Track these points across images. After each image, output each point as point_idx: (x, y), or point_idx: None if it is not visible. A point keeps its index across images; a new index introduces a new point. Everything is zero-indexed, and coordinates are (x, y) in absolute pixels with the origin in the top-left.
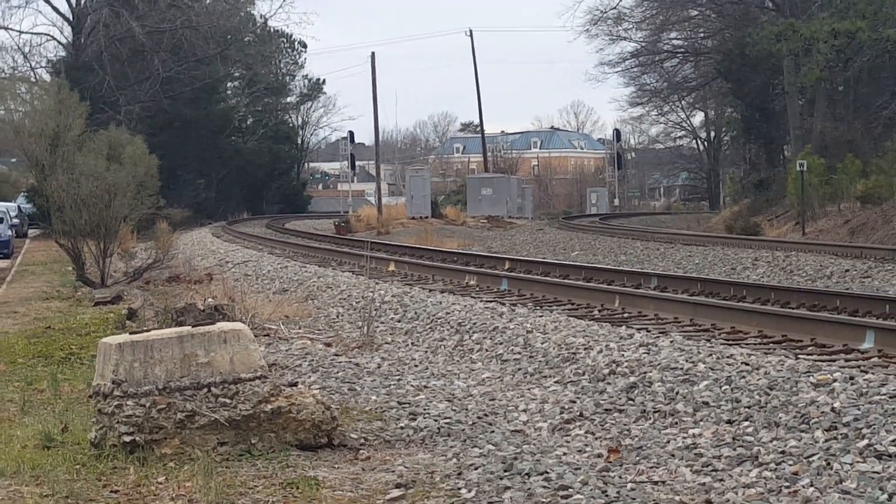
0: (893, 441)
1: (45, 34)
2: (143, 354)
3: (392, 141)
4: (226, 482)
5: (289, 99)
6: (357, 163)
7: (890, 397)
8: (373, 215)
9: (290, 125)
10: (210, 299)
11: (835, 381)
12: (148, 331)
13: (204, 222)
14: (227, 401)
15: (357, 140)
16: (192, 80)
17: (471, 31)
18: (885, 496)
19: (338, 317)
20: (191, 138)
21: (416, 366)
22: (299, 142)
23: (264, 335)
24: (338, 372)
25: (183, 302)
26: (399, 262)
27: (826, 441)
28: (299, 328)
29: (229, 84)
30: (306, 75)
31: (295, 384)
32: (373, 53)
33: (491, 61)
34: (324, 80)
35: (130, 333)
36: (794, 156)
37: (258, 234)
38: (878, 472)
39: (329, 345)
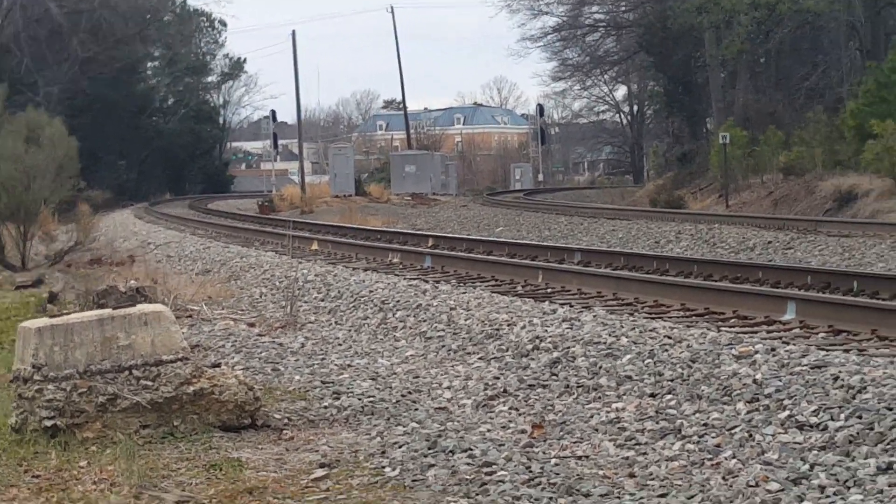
0: (815, 412)
1: None
2: (63, 338)
3: (315, 119)
4: (148, 465)
5: (210, 78)
6: (280, 142)
7: (811, 368)
8: (296, 194)
9: (212, 105)
10: (132, 281)
11: (757, 352)
12: (68, 314)
13: (126, 204)
14: (149, 383)
15: (279, 119)
16: (111, 60)
17: (392, 9)
18: (807, 466)
19: (261, 297)
20: (111, 120)
21: (339, 345)
22: (221, 121)
23: (187, 316)
24: (261, 352)
25: (104, 284)
26: (322, 240)
27: (748, 413)
28: (222, 309)
29: (149, 64)
30: (227, 54)
31: (218, 365)
32: (293, 32)
33: (413, 38)
34: (245, 59)
35: (51, 317)
36: (716, 128)
37: (181, 214)
38: (799, 443)
39: (252, 325)
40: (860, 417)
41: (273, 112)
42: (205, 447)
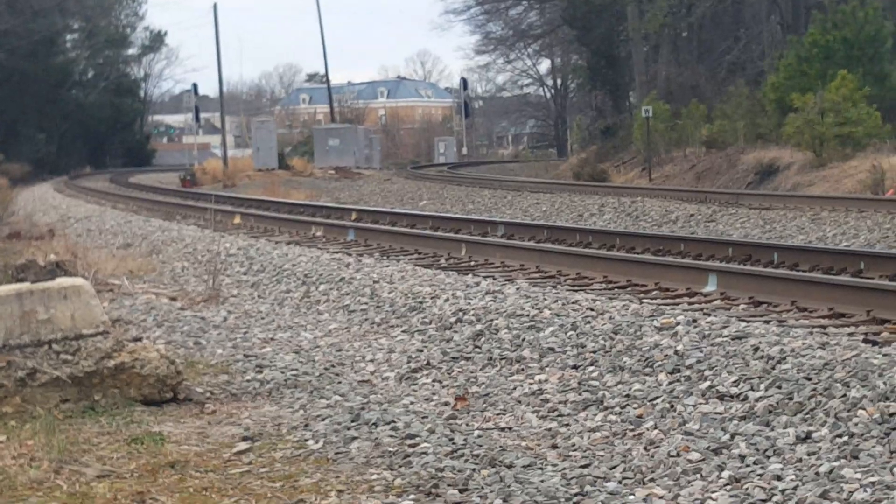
0: (735, 382)
1: None
2: None
3: (237, 93)
4: (69, 439)
5: (130, 51)
6: (202, 115)
7: (732, 339)
8: (218, 168)
9: (133, 78)
10: (52, 255)
11: (678, 324)
12: None
13: (45, 177)
14: (69, 357)
15: (201, 92)
16: (29, 33)
17: None
18: (727, 436)
19: (183, 271)
20: (29, 92)
21: (262, 318)
22: (142, 95)
23: (108, 291)
24: (183, 326)
25: (23, 258)
26: (245, 214)
27: (670, 384)
28: (144, 283)
29: (68, 37)
30: (148, 27)
31: (139, 339)
32: (215, 4)
33: (336, 11)
34: (166, 32)
35: None
36: (639, 102)
37: (101, 188)
38: (720, 413)
39: (174, 299)
40: (780, 388)
41: (195, 85)
42: (126, 421)
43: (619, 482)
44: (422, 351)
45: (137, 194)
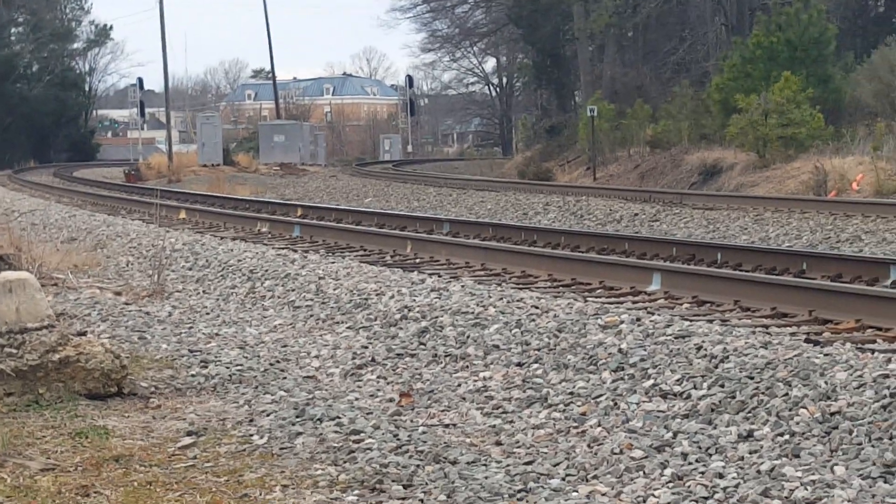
0: (678, 380)
1: None
2: None
3: (183, 88)
4: (13, 433)
5: (75, 45)
6: (147, 110)
7: (675, 338)
8: (163, 163)
9: (78, 72)
10: None
11: (622, 322)
12: None
13: None
14: (14, 351)
15: (147, 87)
16: None
17: None
18: (670, 434)
19: (128, 265)
20: None
21: (207, 314)
22: (87, 89)
23: (52, 285)
24: (128, 321)
25: None
26: (190, 209)
27: (613, 382)
28: (88, 277)
29: (13, 30)
30: (93, 21)
31: (84, 333)
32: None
33: (282, 6)
34: (111, 26)
35: None
36: (584, 101)
37: (45, 182)
38: (663, 411)
39: (119, 293)
40: (722, 386)
41: (140, 80)
42: (70, 415)
43: (563, 479)
44: (367, 347)
45: (82, 188)
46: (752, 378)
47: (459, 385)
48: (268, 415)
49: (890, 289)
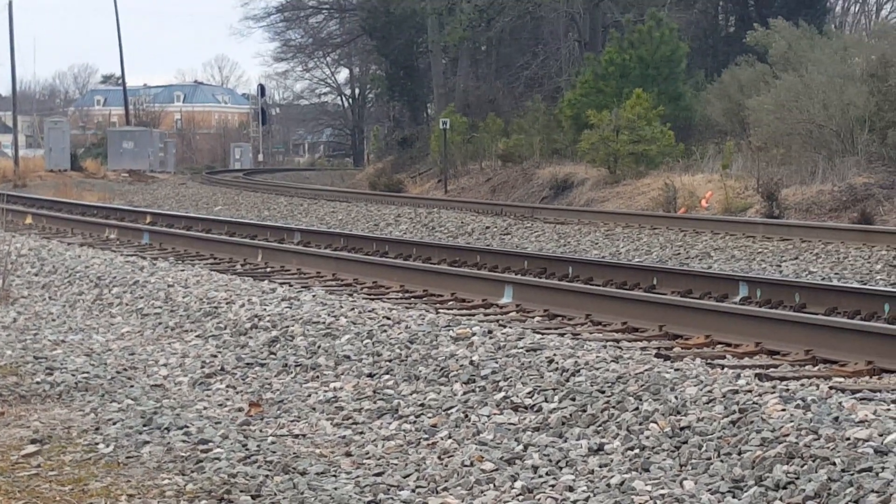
0: (529, 393)
1: None
2: None
3: (30, 92)
4: None
5: None
6: None
7: (527, 351)
8: (9, 167)
9: None
10: None
11: (474, 334)
12: None
13: None
14: None
15: None
16: None
17: None
18: (521, 447)
19: None
20: None
21: (53, 320)
22: None
23: None
24: None
25: None
26: (37, 214)
27: (465, 394)
28: None
29: None
30: None
31: None
32: (10, 2)
33: (135, 12)
34: None
35: None
36: (437, 114)
37: None
38: (514, 424)
39: None
40: (573, 399)
41: None
42: None
43: (413, 490)
44: (216, 356)
45: None
46: (603, 392)
47: (310, 395)
48: (114, 423)
49: (739, 305)
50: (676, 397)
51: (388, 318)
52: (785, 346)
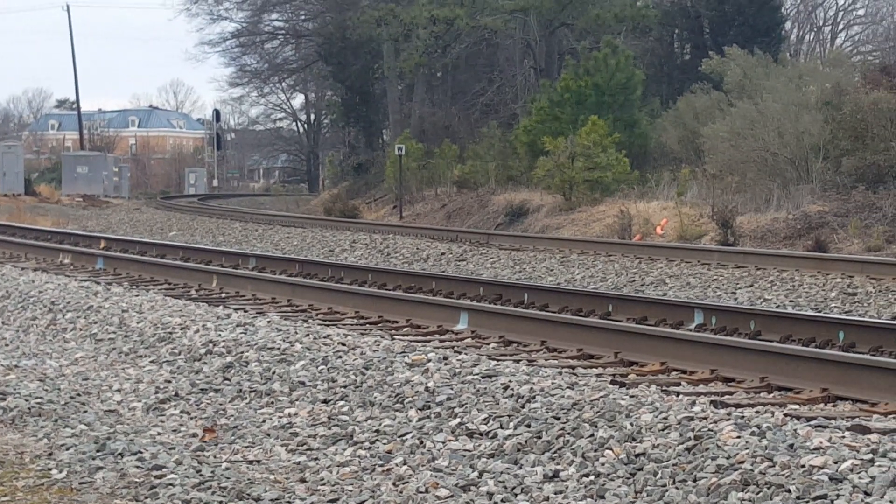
0: (484, 420)
1: None
2: None
3: None
4: None
5: None
6: None
7: (482, 377)
8: None
9: None
10: None
11: (429, 361)
12: None
13: None
14: None
15: None
16: None
17: (68, 7)
18: (476, 473)
19: None
20: None
21: (6, 345)
22: None
23: None
24: None
25: None
26: None
27: (420, 420)
28: None
29: None
30: None
31: None
32: None
33: (90, 37)
34: None
35: None
36: (392, 140)
37: None
38: (469, 450)
39: None
40: (529, 426)
41: None
42: None
43: None
44: (170, 382)
45: None
46: (558, 418)
47: (264, 421)
48: (68, 449)
49: (694, 332)
50: (632, 424)
51: (344, 345)
52: (740, 373)
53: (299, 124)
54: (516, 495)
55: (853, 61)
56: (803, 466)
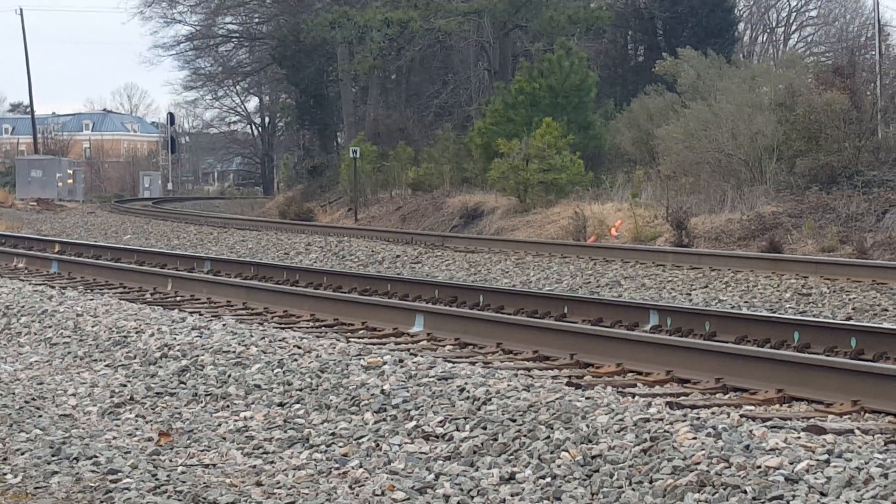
0: (440, 422)
1: None
2: None
3: None
4: None
5: None
6: None
7: (438, 379)
8: None
9: None
10: None
11: (385, 363)
12: None
13: None
14: None
15: None
16: None
17: (21, 10)
18: (432, 476)
19: None
20: None
21: None
22: None
23: None
24: None
25: None
26: None
27: (376, 423)
28: None
29: None
30: None
31: None
32: None
33: (43, 40)
34: None
35: None
36: (347, 142)
37: None
38: (425, 453)
39: None
40: (485, 428)
41: None
42: None
43: None
44: (125, 385)
45: None
46: (514, 420)
47: (220, 425)
48: (22, 453)
49: (650, 333)
50: (588, 426)
51: (299, 347)
52: (695, 374)
53: (254, 127)
54: (472, 498)
55: (806, 62)
56: (759, 467)
